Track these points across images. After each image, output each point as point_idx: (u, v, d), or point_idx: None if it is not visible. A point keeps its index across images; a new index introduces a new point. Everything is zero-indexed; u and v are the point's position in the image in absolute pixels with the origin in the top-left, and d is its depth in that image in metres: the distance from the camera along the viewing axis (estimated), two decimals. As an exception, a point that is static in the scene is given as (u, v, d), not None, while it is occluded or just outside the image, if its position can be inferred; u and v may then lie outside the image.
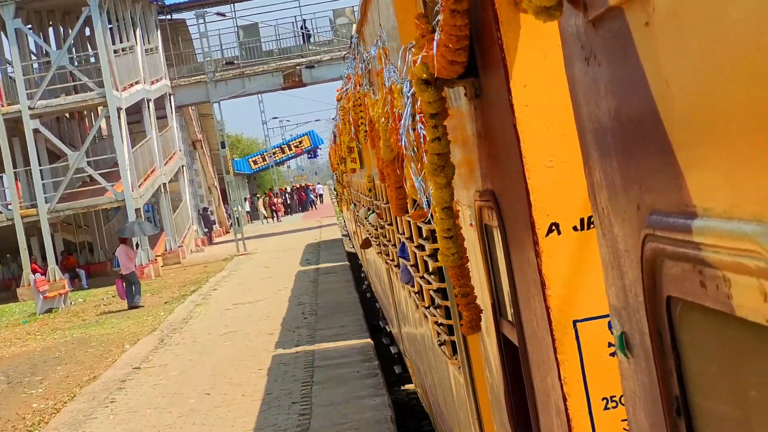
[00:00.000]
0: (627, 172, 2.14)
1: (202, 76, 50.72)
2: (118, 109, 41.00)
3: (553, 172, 3.55)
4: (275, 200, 79.81)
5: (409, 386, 17.34)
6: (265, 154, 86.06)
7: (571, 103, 2.60)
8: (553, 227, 3.53)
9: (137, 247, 38.87)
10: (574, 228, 3.55)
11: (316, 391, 15.56)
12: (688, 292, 1.80)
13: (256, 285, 32.48)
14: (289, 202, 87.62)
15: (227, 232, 64.46)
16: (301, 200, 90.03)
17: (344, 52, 38.43)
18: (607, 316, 3.17)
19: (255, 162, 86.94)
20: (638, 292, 2.11)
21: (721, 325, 1.71)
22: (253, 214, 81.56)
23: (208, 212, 57.01)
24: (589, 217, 3.53)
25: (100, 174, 41.41)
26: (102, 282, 41.64)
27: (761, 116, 1.42)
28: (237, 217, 54.02)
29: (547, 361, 3.77)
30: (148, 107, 46.81)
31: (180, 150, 53.28)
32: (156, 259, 43.33)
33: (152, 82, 48.57)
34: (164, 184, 47.61)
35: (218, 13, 54.87)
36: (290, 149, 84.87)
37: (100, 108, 42.18)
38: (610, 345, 3.53)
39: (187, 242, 52.16)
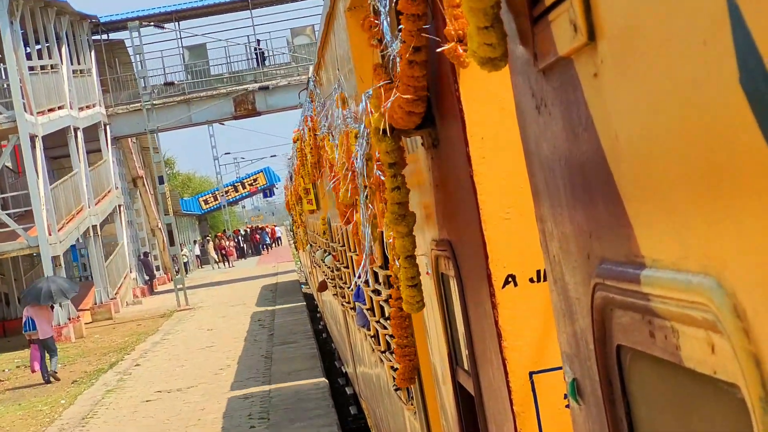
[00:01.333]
0: (577, 222, 2.16)
1: (141, 103, 42.32)
2: (32, 137, 33.56)
3: (510, 224, 3.57)
4: (225, 243, 73.79)
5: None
6: (216, 192, 79.95)
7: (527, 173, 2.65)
8: (510, 279, 3.54)
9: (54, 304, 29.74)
10: (531, 280, 3.56)
11: None
12: (638, 342, 1.81)
13: (193, 358, 24.88)
14: (242, 244, 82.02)
15: (171, 280, 60.57)
16: (255, 243, 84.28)
17: (303, 76, 35.23)
18: (562, 368, 3.25)
19: (206, 201, 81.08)
20: (589, 340, 2.12)
21: (671, 374, 1.72)
22: (204, 259, 75.53)
23: (149, 258, 49.30)
24: (541, 272, 3.53)
25: (13, 214, 34.16)
26: (20, 342, 30.38)
27: (707, 171, 1.44)
28: (183, 262, 47.46)
29: (503, 412, 3.75)
30: (76, 137, 39.68)
31: (117, 188, 45.78)
32: (79, 317, 35.84)
33: (82, 109, 41.39)
34: (95, 226, 40.53)
35: (156, 25, 47.48)
36: (244, 187, 79.92)
37: (10, 135, 33.95)
38: (566, 397, 3.46)
39: (123, 293, 45.00)
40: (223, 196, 77.83)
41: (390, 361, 8.07)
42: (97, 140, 44.12)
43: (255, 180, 79.70)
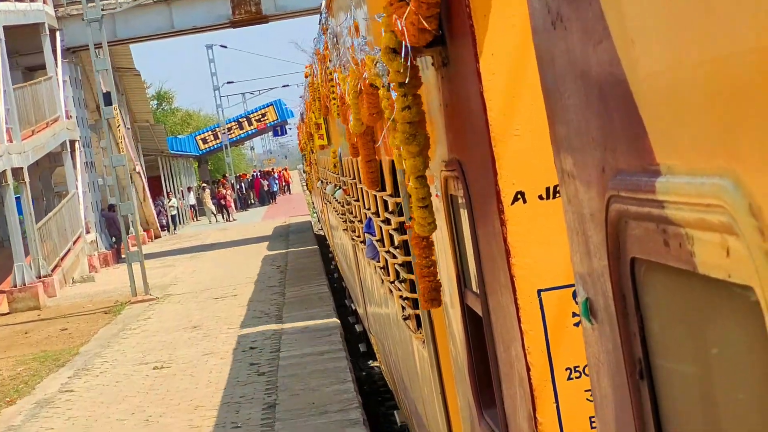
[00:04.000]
0: (592, 136, 2.14)
1: (104, 3, 29.07)
2: None
3: (520, 140, 3.55)
4: (224, 192, 58.77)
5: (374, 363, 16.82)
6: (217, 129, 66.99)
7: (537, 68, 2.64)
8: (519, 196, 3.53)
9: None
10: (540, 197, 3.55)
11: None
12: (652, 252, 1.81)
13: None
14: (245, 192, 69.08)
15: (157, 237, 46.73)
16: (258, 190, 70.02)
17: None
18: (571, 285, 3.21)
19: (204, 140, 67.87)
20: (602, 256, 2.11)
21: (685, 284, 1.72)
22: (200, 209, 61.70)
23: (116, 212, 33.61)
24: (555, 186, 3.51)
25: None
26: None
27: (726, 74, 1.42)
28: (171, 215, 40.12)
29: (510, 331, 3.76)
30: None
31: (71, 117, 33.38)
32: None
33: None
34: (17, 169, 28.06)
35: None
36: (250, 124, 67.38)
37: None
38: (574, 315, 3.53)
39: (68, 265, 30.90)
40: (224, 133, 65.35)
41: (400, 290, 8.06)
42: (40, 51, 31.68)
43: (263, 115, 68.08)
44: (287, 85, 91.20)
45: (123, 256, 33.54)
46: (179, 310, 23.21)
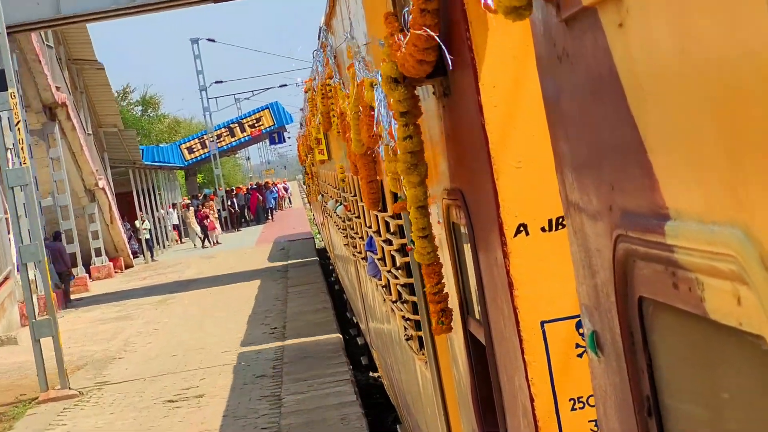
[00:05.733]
0: (599, 172, 2.18)
1: None
2: None
3: (522, 173, 3.62)
4: (207, 211, 49.68)
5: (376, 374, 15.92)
6: (204, 137, 58.00)
7: (541, 103, 2.64)
8: (521, 228, 3.60)
9: None
10: (543, 229, 3.62)
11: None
12: (660, 294, 1.83)
13: None
14: (236, 210, 58.58)
15: (128, 266, 39.23)
16: (255, 206, 61.11)
17: None
18: (574, 317, 3.27)
19: (190, 149, 58.62)
20: (610, 292, 2.14)
21: (694, 326, 1.74)
22: (185, 230, 53.30)
23: (61, 241, 29.30)
24: (558, 218, 3.59)
25: None
26: None
27: (735, 120, 1.43)
28: (145, 239, 32.36)
29: (514, 362, 3.82)
30: None
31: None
32: None
33: None
34: None
35: None
36: (243, 130, 58.55)
37: None
38: (577, 346, 3.61)
39: None
40: (213, 141, 56.31)
41: (402, 311, 8.11)
42: None
43: (258, 120, 59.06)
44: (285, 85, 72.37)
45: (72, 298, 28.72)
46: (103, 429, 13.95)
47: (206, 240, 48.85)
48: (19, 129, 15.40)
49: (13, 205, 18.53)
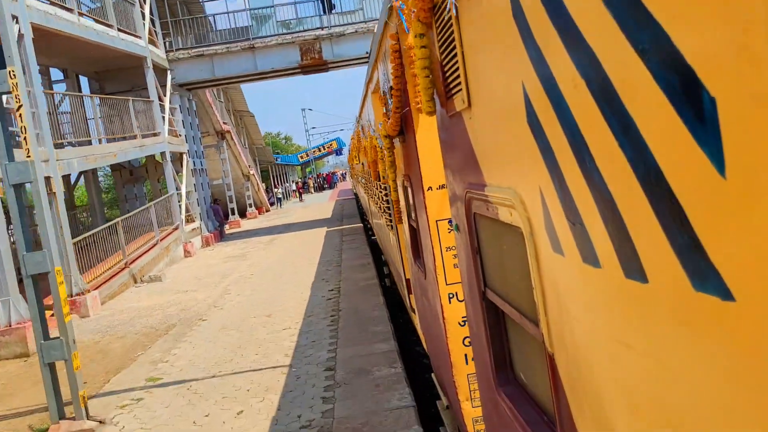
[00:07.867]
0: (460, 174, 2.69)
1: (203, 49, 29.09)
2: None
3: (432, 170, 4.87)
4: (300, 183, 71.00)
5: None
6: (308, 152, 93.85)
7: (440, 150, 3.30)
8: (430, 188, 4.68)
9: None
10: (438, 188, 4.73)
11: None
12: (481, 211, 2.33)
13: None
14: (317, 182, 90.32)
15: (267, 210, 44.12)
16: (330, 181, 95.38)
17: (371, 23, 23.90)
18: (450, 219, 3.98)
19: (302, 157, 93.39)
20: (462, 212, 2.70)
21: (492, 223, 2.26)
22: (300, 193, 73.81)
23: (217, 205, 32.52)
24: (441, 185, 4.62)
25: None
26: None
27: (518, 152, 1.94)
28: (277, 198, 42.16)
29: (427, 240, 4.89)
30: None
31: (180, 135, 27.39)
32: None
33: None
34: (78, 174, 21.29)
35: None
36: (324, 149, 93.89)
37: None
38: (449, 231, 4.49)
39: (139, 265, 19.64)
40: (311, 154, 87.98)
41: (388, 217, 9.53)
42: (142, 77, 23.16)
43: (330, 145, 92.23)
44: (343, 129, 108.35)
45: (228, 233, 29.36)
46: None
47: (301, 197, 59.46)
48: (21, 116, 14.05)
49: (189, 184, 26.32)
